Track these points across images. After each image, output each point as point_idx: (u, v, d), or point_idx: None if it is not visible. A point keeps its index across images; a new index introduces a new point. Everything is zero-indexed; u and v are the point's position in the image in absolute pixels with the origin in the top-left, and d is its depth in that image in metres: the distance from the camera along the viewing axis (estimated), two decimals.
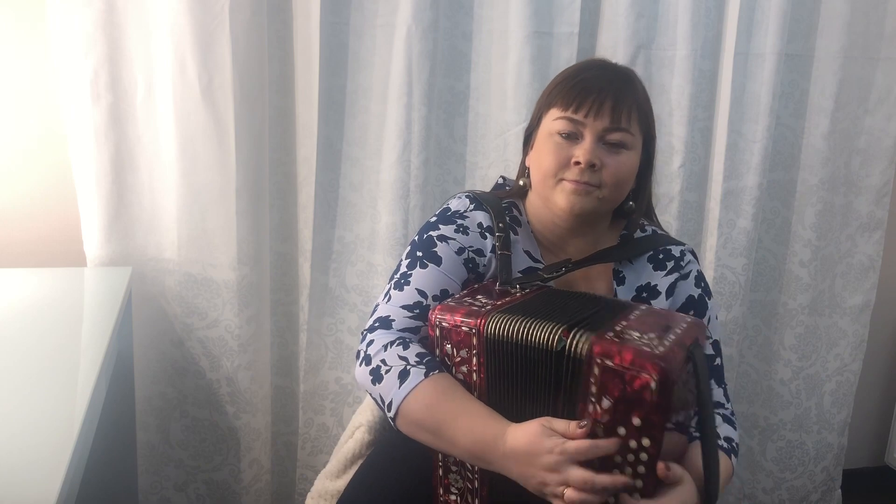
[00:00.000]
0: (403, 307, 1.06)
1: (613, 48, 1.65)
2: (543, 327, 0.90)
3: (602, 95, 1.06)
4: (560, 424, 0.88)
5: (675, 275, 1.14)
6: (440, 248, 1.10)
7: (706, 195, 1.79)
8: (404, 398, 0.95)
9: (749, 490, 2.02)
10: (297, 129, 1.61)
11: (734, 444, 1.07)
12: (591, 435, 0.87)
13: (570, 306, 0.98)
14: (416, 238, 1.14)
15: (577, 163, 1.05)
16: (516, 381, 0.94)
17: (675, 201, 1.74)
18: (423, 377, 0.95)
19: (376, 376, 0.99)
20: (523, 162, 1.20)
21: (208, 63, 1.47)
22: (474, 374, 0.96)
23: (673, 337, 0.89)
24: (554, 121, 1.09)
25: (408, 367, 0.97)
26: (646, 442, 0.85)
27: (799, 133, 1.82)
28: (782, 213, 1.86)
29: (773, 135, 1.77)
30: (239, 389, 1.62)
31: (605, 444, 0.85)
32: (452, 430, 0.93)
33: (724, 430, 1.08)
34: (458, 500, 1.01)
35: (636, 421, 0.85)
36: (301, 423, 1.74)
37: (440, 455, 1.00)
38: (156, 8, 1.45)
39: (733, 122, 1.74)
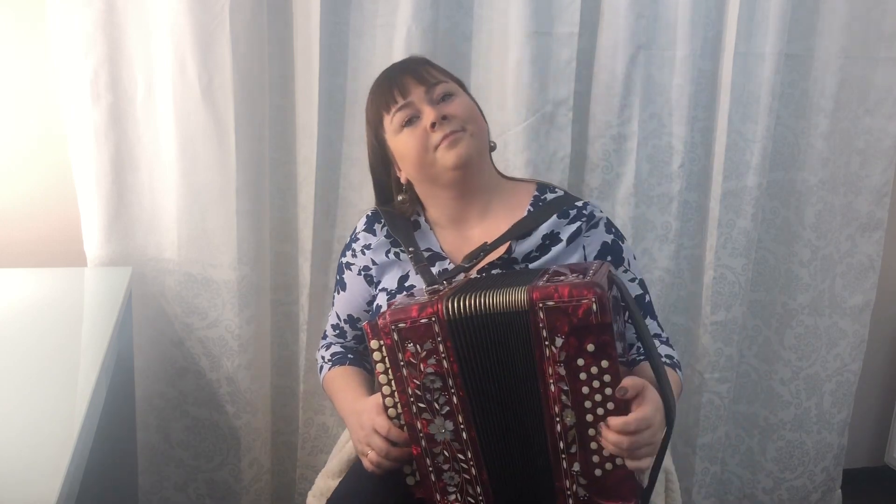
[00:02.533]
0: (331, 326, 1.34)
1: (613, 48, 1.64)
2: (493, 294, 0.96)
3: (401, 76, 1.20)
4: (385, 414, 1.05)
5: (578, 223, 1.20)
6: (346, 275, 1.28)
7: (706, 195, 1.79)
8: (322, 382, 1.31)
9: (749, 490, 2.02)
10: (297, 129, 1.61)
11: (675, 360, 1.21)
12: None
13: (504, 278, 1.05)
14: (339, 256, 1.31)
15: (433, 124, 1.14)
16: (483, 354, 0.97)
17: (675, 201, 1.74)
18: (328, 370, 1.28)
19: (317, 369, 1.35)
20: (397, 184, 1.24)
21: (208, 63, 1.47)
22: (444, 362, 0.97)
23: (591, 272, 0.99)
24: (391, 123, 1.18)
25: (323, 364, 1.31)
26: (605, 364, 0.92)
27: (799, 133, 1.82)
28: (782, 213, 1.86)
29: (773, 135, 1.77)
30: (239, 389, 1.62)
31: (398, 433, 1.01)
32: (335, 400, 1.25)
33: (663, 350, 1.21)
34: (460, 498, 1.01)
35: (590, 347, 0.92)
36: (301, 423, 1.74)
37: (427, 460, 1.00)
38: (156, 8, 1.45)
39: (733, 122, 1.73)
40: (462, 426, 0.98)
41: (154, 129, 1.51)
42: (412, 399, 0.98)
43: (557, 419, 0.95)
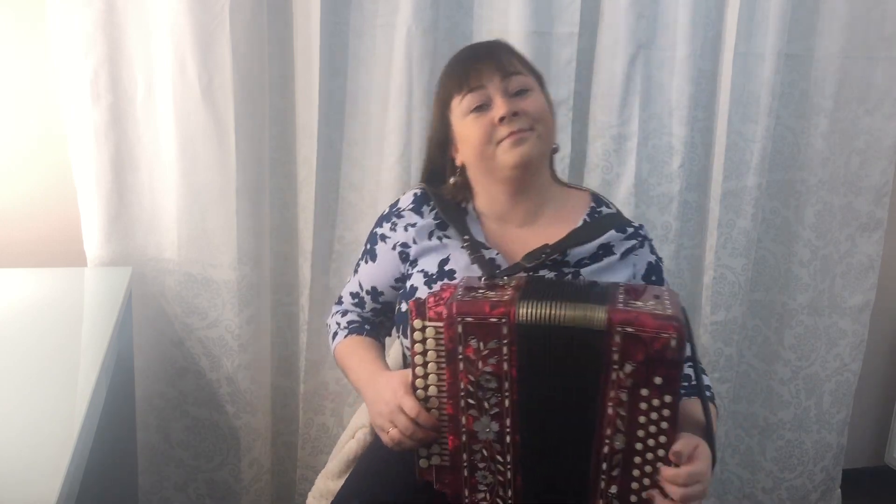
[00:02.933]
0: (350, 293, 1.30)
1: (613, 48, 1.64)
2: (567, 306, 0.94)
3: (481, 59, 1.15)
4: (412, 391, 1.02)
5: (634, 241, 1.19)
6: (379, 247, 1.24)
7: (706, 195, 1.79)
8: (334, 349, 1.27)
9: (749, 490, 2.02)
10: (297, 130, 1.61)
11: (712, 391, 1.19)
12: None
13: (575, 289, 1.03)
14: (373, 226, 1.27)
15: (502, 118, 1.10)
16: (545, 363, 0.96)
17: (675, 201, 1.74)
18: (344, 338, 1.25)
19: (328, 334, 1.32)
20: (451, 166, 1.22)
21: (208, 63, 1.47)
22: (505, 364, 0.95)
23: (667, 302, 0.97)
24: (460, 105, 1.14)
25: (338, 331, 1.27)
26: (667, 398, 0.92)
27: (799, 133, 1.82)
28: (782, 213, 1.86)
29: (772, 135, 1.77)
30: (239, 389, 1.62)
31: (426, 418, 0.99)
32: (350, 369, 1.21)
33: (702, 380, 1.17)
34: (488, 497, 1.00)
35: (658, 380, 0.91)
36: (301, 424, 1.74)
37: (464, 455, 0.99)
38: (156, 8, 1.45)
39: (733, 122, 1.74)
40: (508, 429, 0.97)
41: (154, 129, 1.51)
42: (462, 394, 0.97)
43: (607, 441, 0.95)
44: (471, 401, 0.97)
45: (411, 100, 1.57)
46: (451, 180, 1.21)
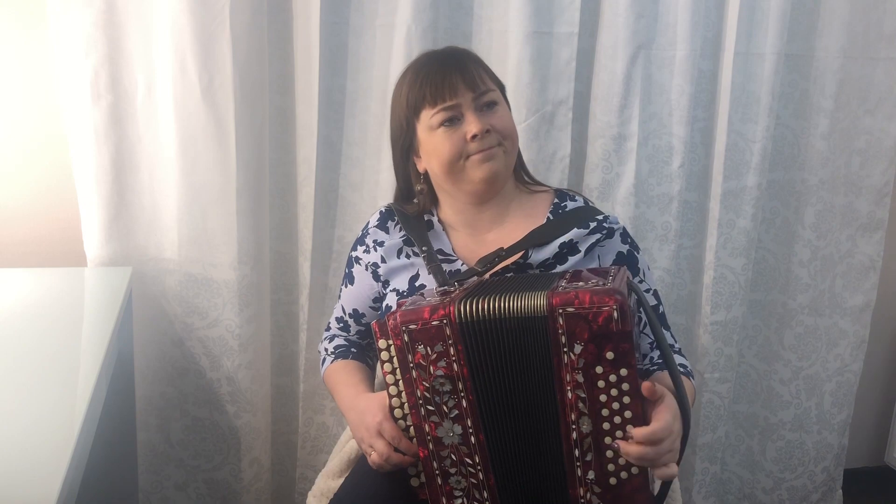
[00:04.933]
0: (336, 318, 1.34)
1: (613, 48, 1.64)
2: (509, 298, 0.95)
3: (453, 74, 1.15)
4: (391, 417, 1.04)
5: (598, 235, 1.18)
6: (355, 269, 1.28)
7: (706, 195, 1.79)
8: (322, 374, 1.31)
9: (749, 490, 2.02)
10: (297, 129, 1.61)
11: (689, 369, 1.21)
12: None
13: (519, 282, 1.04)
14: (350, 250, 1.31)
15: (474, 136, 1.12)
16: (496, 358, 0.96)
17: (675, 201, 1.74)
18: (331, 363, 1.28)
19: (319, 361, 1.35)
20: (414, 172, 1.23)
21: (208, 63, 1.47)
22: (455, 365, 0.96)
23: (611, 277, 0.97)
24: (431, 118, 1.15)
25: (325, 357, 1.31)
26: (623, 372, 0.91)
27: (799, 133, 1.82)
28: (782, 213, 1.86)
29: (773, 135, 1.77)
30: (239, 389, 1.62)
31: (407, 445, 1.01)
32: (335, 394, 1.24)
33: (677, 359, 1.18)
34: (466, 502, 1.00)
35: (609, 355, 0.90)
36: (301, 423, 1.74)
37: (434, 463, 1.00)
38: (156, 8, 1.45)
39: (733, 122, 1.73)
40: (471, 430, 0.97)
41: (154, 129, 1.51)
42: (421, 401, 0.98)
43: (574, 427, 0.94)
44: (430, 407, 0.97)
45: None
46: (418, 188, 1.23)
